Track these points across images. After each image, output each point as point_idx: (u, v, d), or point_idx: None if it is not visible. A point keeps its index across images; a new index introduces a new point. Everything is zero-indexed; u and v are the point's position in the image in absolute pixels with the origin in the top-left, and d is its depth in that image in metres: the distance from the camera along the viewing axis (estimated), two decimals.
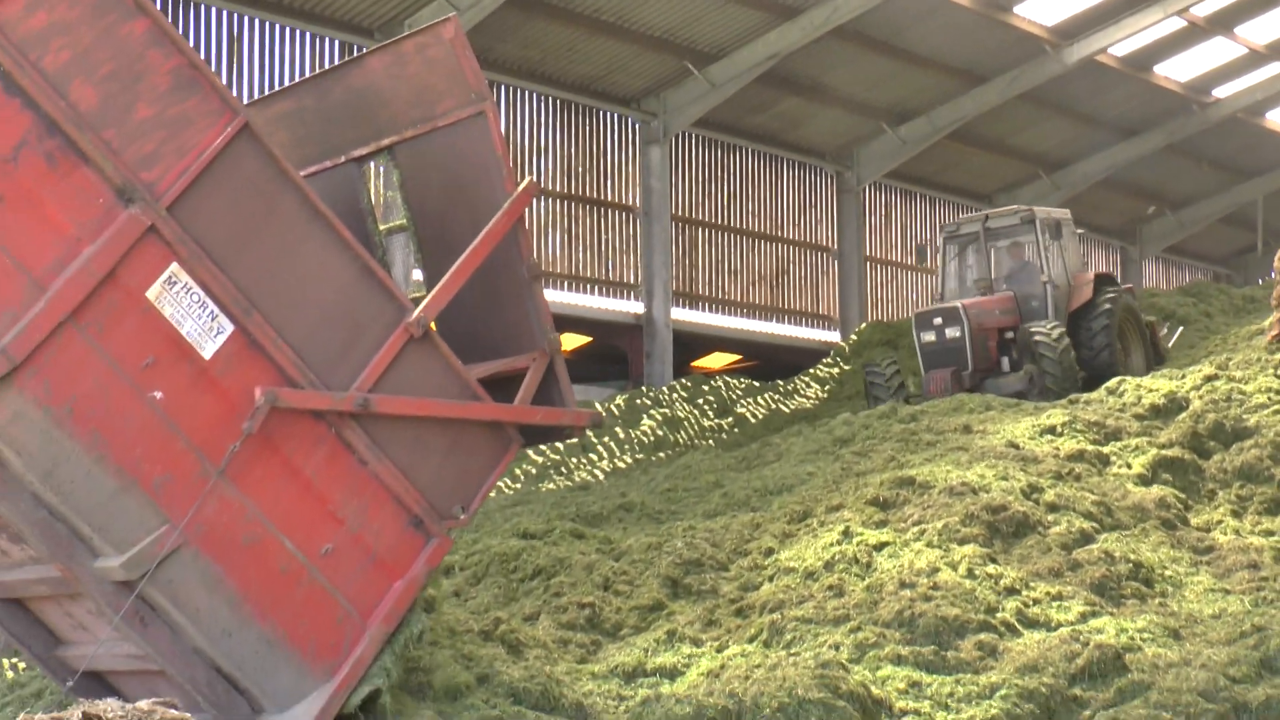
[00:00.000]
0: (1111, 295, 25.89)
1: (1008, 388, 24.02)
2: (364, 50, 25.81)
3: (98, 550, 9.13)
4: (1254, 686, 12.42)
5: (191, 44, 24.44)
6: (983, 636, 13.76)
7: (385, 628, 10.32)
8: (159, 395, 9.30)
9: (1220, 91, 37.73)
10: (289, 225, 9.91)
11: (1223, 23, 34.44)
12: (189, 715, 5.87)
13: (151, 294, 9.27)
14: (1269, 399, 20.57)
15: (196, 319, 9.43)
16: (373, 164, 12.99)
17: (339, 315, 10.09)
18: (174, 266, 9.35)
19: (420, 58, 11.58)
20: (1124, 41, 33.40)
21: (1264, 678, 12.60)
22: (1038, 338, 24.09)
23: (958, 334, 24.31)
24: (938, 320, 24.46)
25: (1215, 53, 35.94)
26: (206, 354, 9.43)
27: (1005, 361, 24.97)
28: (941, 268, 26.28)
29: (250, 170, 9.71)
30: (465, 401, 10.78)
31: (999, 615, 14.30)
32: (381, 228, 12.63)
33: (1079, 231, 27.54)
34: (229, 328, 9.51)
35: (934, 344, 24.50)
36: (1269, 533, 17.72)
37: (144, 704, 5.78)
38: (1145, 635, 13.97)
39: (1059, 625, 14.29)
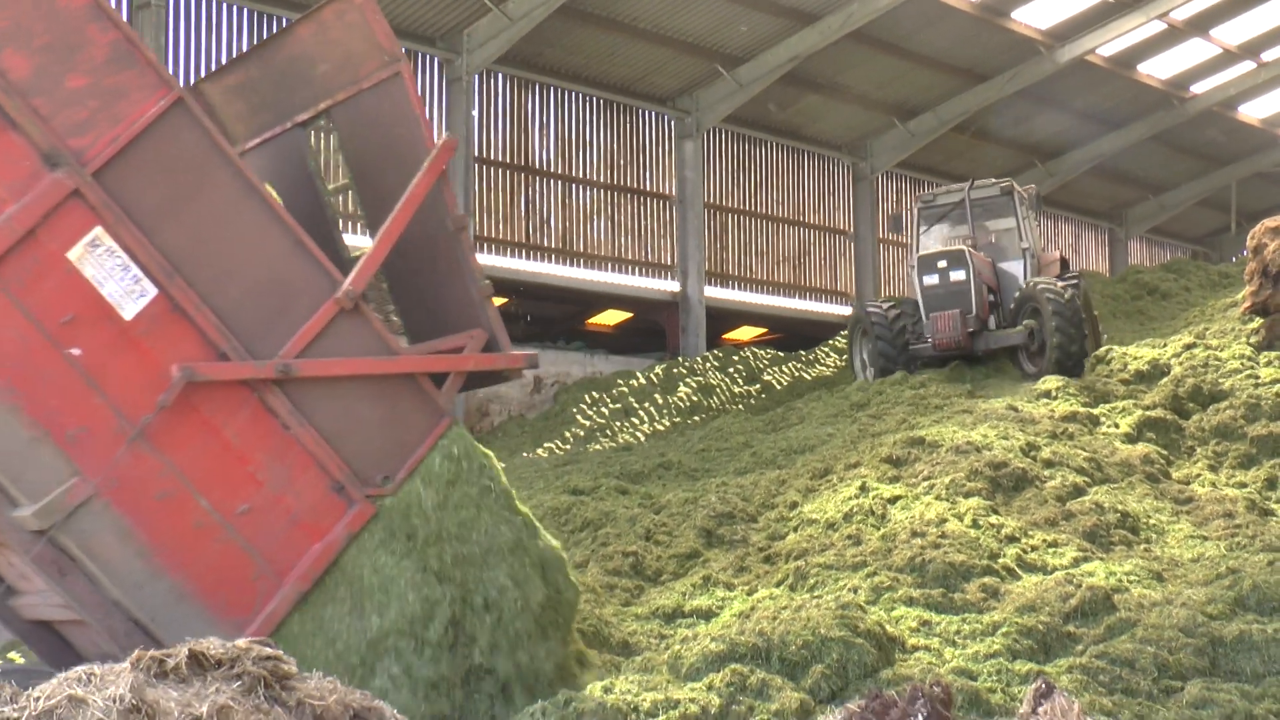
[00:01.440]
0: (1075, 275, 24.38)
1: (1005, 340, 22.38)
2: (429, 57, 25.90)
3: (14, 499, 8.81)
4: (1228, 623, 12.39)
5: None
6: (986, 580, 13.76)
7: (300, 587, 9.61)
8: (77, 352, 8.90)
9: (1197, 87, 37.49)
10: (221, 197, 9.50)
11: (1199, 25, 34.23)
12: (281, 652, 5.91)
13: (73, 255, 8.92)
14: (1242, 364, 20.51)
15: (118, 281, 9.06)
16: (316, 128, 12.35)
17: (269, 286, 9.64)
18: (97, 230, 9.00)
19: (340, 23, 11.05)
20: (1110, 43, 33.24)
21: (1237, 614, 12.56)
22: (1047, 294, 21.71)
23: (962, 276, 22.30)
24: (942, 263, 22.42)
25: (1193, 52, 35.72)
26: (128, 315, 9.04)
27: (991, 320, 23.03)
28: (915, 238, 24.31)
29: (183, 143, 9.36)
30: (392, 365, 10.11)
31: (1000, 561, 14.29)
32: (330, 188, 12.12)
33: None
34: (152, 291, 9.12)
35: (937, 287, 22.47)
36: (1242, 484, 17.67)
37: (242, 642, 5.82)
38: (1131, 578, 13.95)
39: (1054, 569, 14.28)
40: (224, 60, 24.02)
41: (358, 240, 24.45)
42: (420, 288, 11.41)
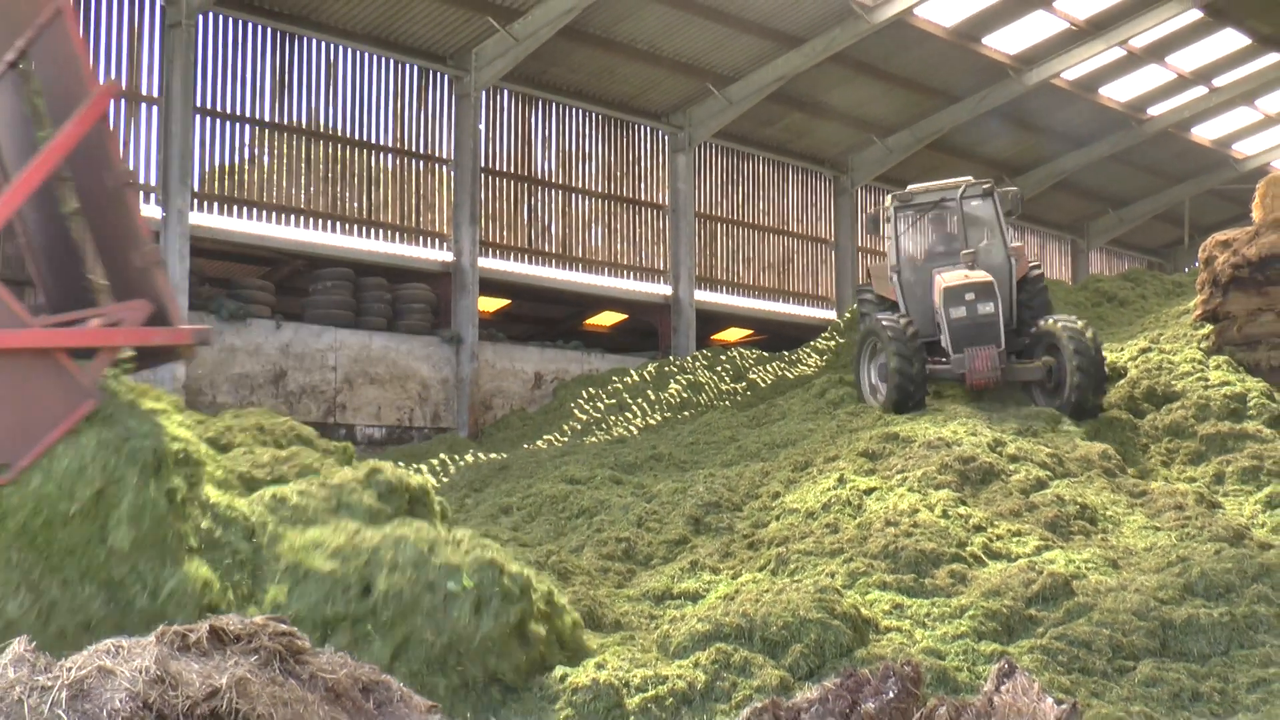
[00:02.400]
0: (1039, 270, 22.81)
1: (1024, 375, 20.06)
2: (440, 74, 25.92)
3: None
4: (1178, 607, 12.42)
5: (293, 72, 24.60)
6: (954, 566, 13.77)
7: None
8: None
9: (1154, 110, 37.50)
10: None
11: (1156, 53, 34.25)
12: (296, 630, 5.90)
13: None
14: (1193, 367, 20.56)
15: None
16: (20, 70, 10.42)
17: None
18: None
19: None
20: (1074, 67, 33.26)
21: (1186, 600, 12.60)
22: (1068, 332, 19.66)
23: (991, 309, 19.97)
24: (970, 295, 20.04)
25: (1150, 78, 35.74)
26: None
27: None
28: (894, 238, 21.77)
29: None
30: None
31: (968, 548, 14.31)
32: (40, 135, 10.04)
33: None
34: None
35: (965, 319, 19.99)
36: (1191, 479, 17.74)
37: (259, 619, 5.81)
38: (1089, 565, 13.98)
39: (1018, 556, 14.30)
40: (250, 75, 24.01)
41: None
42: (104, 252, 9.76)
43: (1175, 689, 11.22)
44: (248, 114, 24.03)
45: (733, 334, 33.82)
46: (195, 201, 22.82)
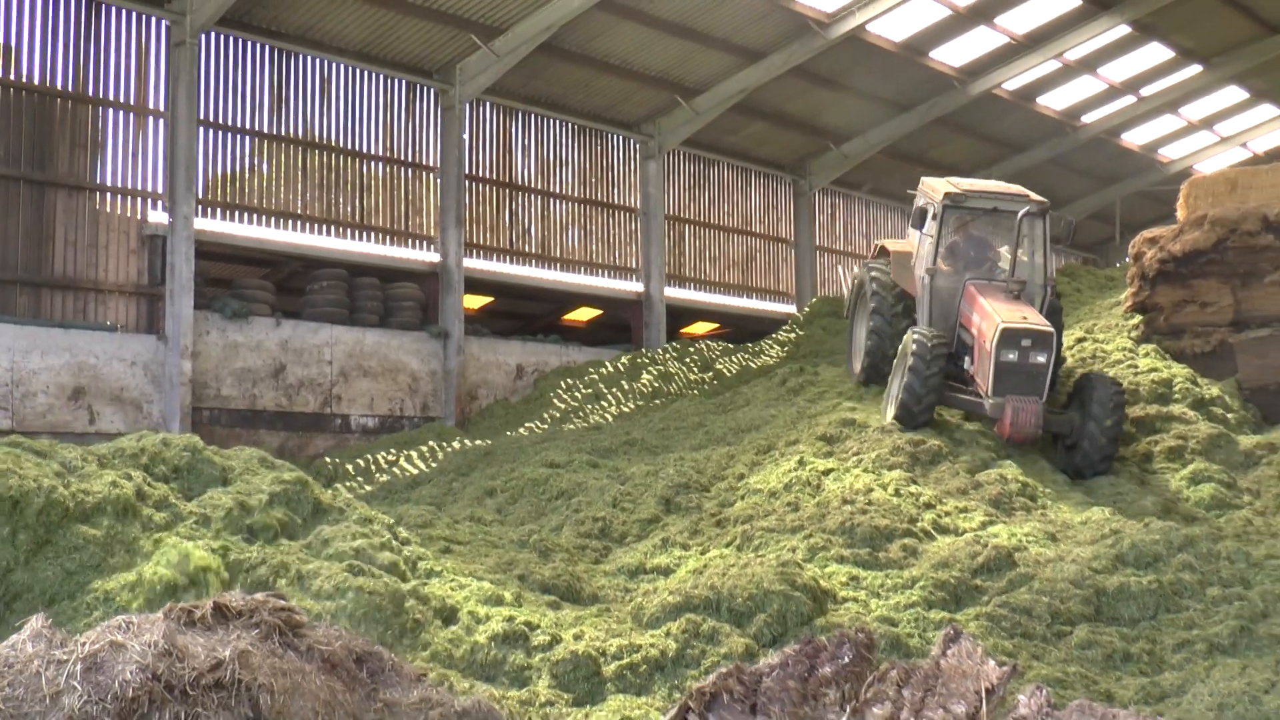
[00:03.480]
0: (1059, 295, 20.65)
1: (1055, 426, 17.81)
2: (426, 88, 25.84)
3: None
4: (1111, 575, 12.50)
5: (290, 87, 24.50)
6: (906, 541, 13.83)
7: None
8: None
9: (1088, 117, 37.63)
10: None
11: (1089, 65, 34.37)
12: (295, 606, 5.88)
13: None
14: (1124, 355, 20.65)
15: None
16: None
17: None
18: None
19: None
20: (1014, 78, 33.35)
21: (1118, 569, 12.68)
22: (1112, 389, 17.76)
23: (1043, 360, 17.37)
24: (1026, 341, 17.28)
25: (1084, 88, 35.85)
26: None
27: None
28: (936, 236, 18.73)
29: None
30: None
31: (919, 524, 14.37)
32: None
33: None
34: None
35: (1014, 364, 17.29)
36: (1123, 458, 17.81)
37: (260, 595, 5.79)
38: (1030, 538, 14.05)
39: (965, 531, 14.37)
40: (250, 90, 23.91)
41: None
42: None
43: (1108, 651, 11.29)
44: (248, 126, 23.91)
45: (700, 328, 33.82)
46: (200, 208, 22.71)
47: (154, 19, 22.35)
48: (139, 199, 22.11)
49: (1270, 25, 34.39)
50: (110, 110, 21.90)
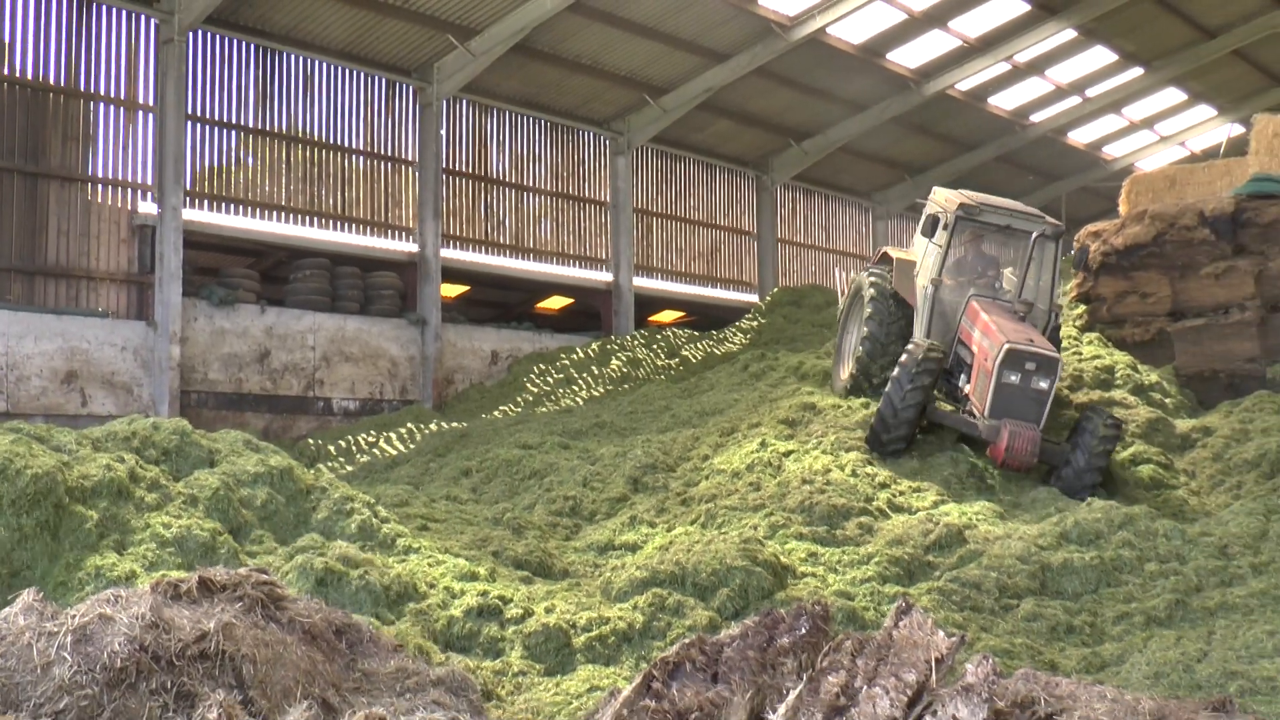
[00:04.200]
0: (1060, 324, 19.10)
1: (1050, 456, 16.32)
2: (405, 86, 25.76)
3: None
4: (1055, 552, 12.56)
5: (272, 85, 24.35)
6: (862, 519, 13.87)
7: None
8: None
9: (1036, 117, 37.74)
10: None
11: (1037, 67, 34.46)
12: (277, 580, 5.86)
13: None
14: (1069, 343, 20.75)
15: None
16: None
17: None
18: None
19: None
20: (966, 80, 33.41)
21: (1062, 546, 12.74)
22: (1108, 422, 16.22)
23: (1046, 386, 16.04)
24: (1030, 365, 15.91)
25: (1032, 89, 35.95)
26: None
27: None
28: (946, 247, 17.44)
29: None
30: None
31: (874, 503, 14.41)
32: None
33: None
34: None
35: (1016, 387, 15.95)
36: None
37: (243, 570, 5.77)
38: (979, 516, 14.11)
39: (918, 510, 14.41)
40: (236, 86, 23.76)
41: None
42: None
43: (1052, 623, 11.36)
44: (234, 121, 23.76)
45: (667, 316, 33.82)
46: (188, 199, 22.57)
47: (143, 17, 22.17)
48: (129, 190, 21.95)
49: (1207, 30, 34.58)
50: (101, 105, 21.73)
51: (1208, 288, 21.14)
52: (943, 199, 17.90)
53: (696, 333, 29.40)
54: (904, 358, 16.54)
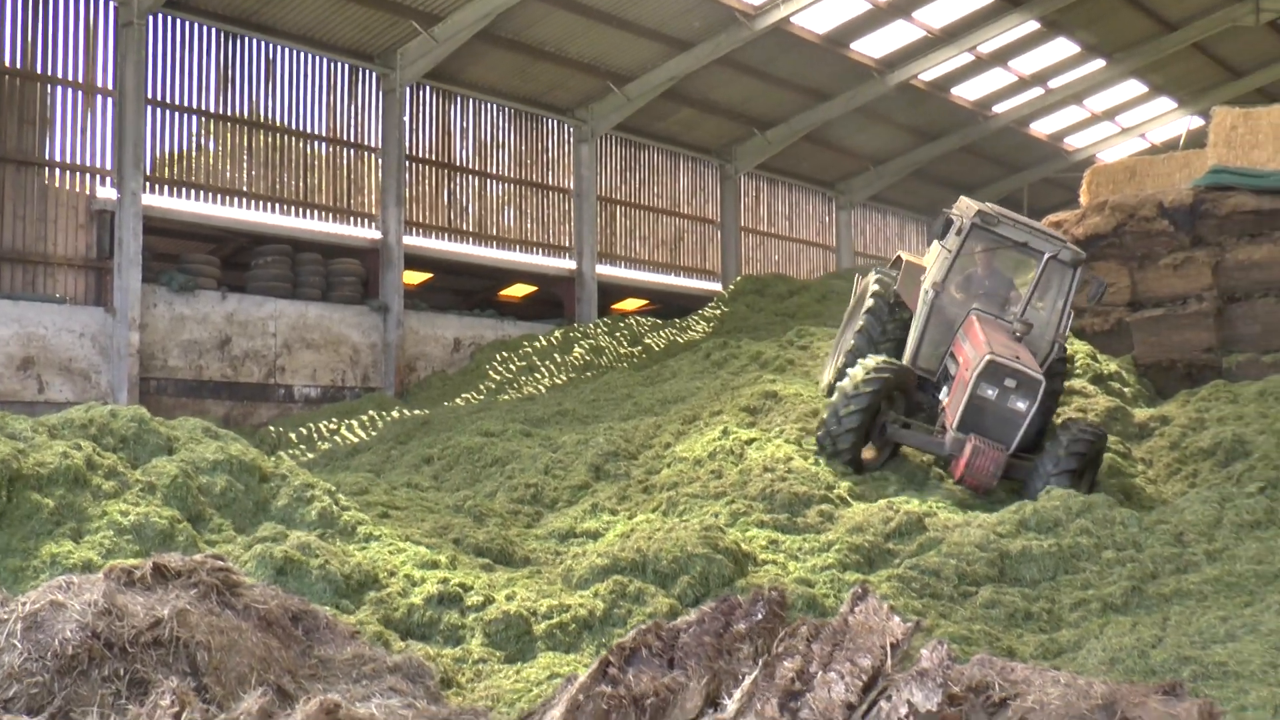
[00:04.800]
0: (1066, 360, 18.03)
1: (1015, 471, 15.42)
2: (368, 72, 25.62)
3: None
4: (1014, 539, 12.63)
5: (233, 69, 24.17)
6: (823, 507, 13.90)
7: None
8: None
9: (998, 108, 37.91)
10: None
11: (1000, 58, 34.61)
12: (232, 566, 5.82)
13: None
14: None
15: None
16: None
17: None
18: None
19: None
20: (930, 70, 33.52)
21: (1021, 533, 12.82)
22: (1086, 436, 15.36)
23: (1024, 407, 15.05)
24: (1010, 381, 14.98)
25: (995, 79, 36.11)
26: None
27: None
28: (955, 252, 16.29)
29: None
30: None
31: (835, 491, 14.45)
32: None
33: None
34: None
35: (989, 402, 15.03)
36: None
37: (198, 557, 5.72)
38: (939, 505, 14.17)
39: (878, 498, 14.46)
40: (196, 70, 23.56)
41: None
42: None
43: (1010, 610, 11.43)
44: (194, 105, 23.58)
45: (630, 304, 33.80)
46: (148, 185, 22.39)
47: (102, 0, 21.96)
48: (87, 175, 21.75)
49: (1168, 24, 34.83)
50: (59, 88, 21.51)
51: (1166, 278, 21.31)
52: (964, 205, 16.84)
53: (659, 321, 29.40)
54: (852, 370, 15.83)
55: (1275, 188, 20.64)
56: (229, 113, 24.10)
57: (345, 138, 25.99)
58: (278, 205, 24.76)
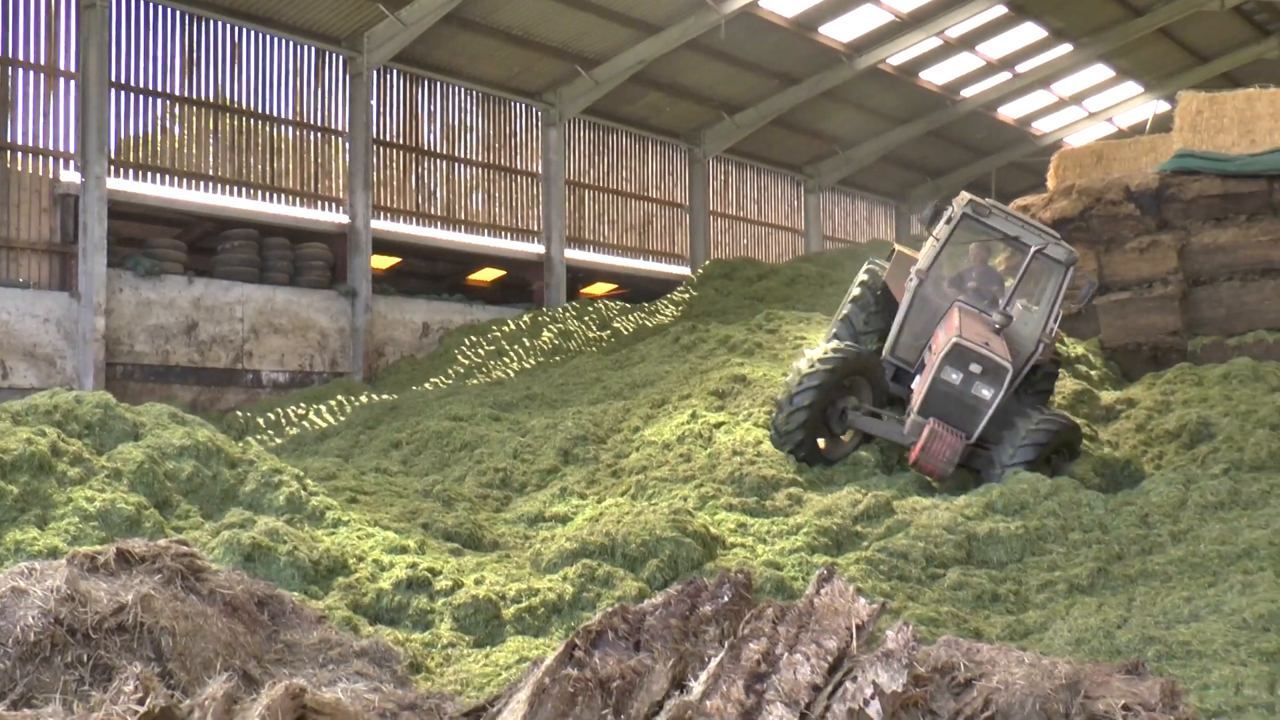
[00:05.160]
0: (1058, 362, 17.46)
1: (975, 460, 14.94)
2: (335, 55, 25.46)
3: None
4: (981, 522, 12.70)
5: (198, 52, 23.98)
6: (791, 490, 13.94)
7: None
8: None
9: (966, 92, 37.97)
10: None
11: (968, 42, 34.66)
12: (197, 551, 5.79)
13: None
14: None
15: None
16: None
17: None
18: None
19: None
20: (898, 54, 33.55)
21: (988, 516, 12.89)
22: (1048, 426, 14.82)
23: (989, 395, 14.52)
24: (976, 367, 14.47)
25: (963, 64, 36.18)
26: None
27: None
28: (944, 241, 15.71)
29: None
30: None
31: (804, 475, 14.48)
32: None
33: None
34: None
35: (953, 387, 14.54)
36: None
37: (163, 542, 5.69)
38: (907, 489, 14.23)
39: (847, 483, 14.50)
40: (161, 53, 23.37)
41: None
42: None
43: (978, 591, 11.49)
44: (159, 89, 23.40)
45: (599, 288, 33.76)
46: (112, 168, 22.21)
47: None
48: (51, 159, 21.56)
49: (1134, 8, 34.96)
50: (21, 70, 21.30)
51: (1132, 262, 21.42)
52: (962, 198, 16.08)
53: (628, 305, 29.38)
54: (814, 356, 15.32)
55: (1240, 172, 20.77)
56: (194, 96, 23.92)
57: (312, 121, 25.84)
58: (244, 189, 24.60)
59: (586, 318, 27.69)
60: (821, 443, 15.27)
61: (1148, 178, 21.65)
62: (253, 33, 24.80)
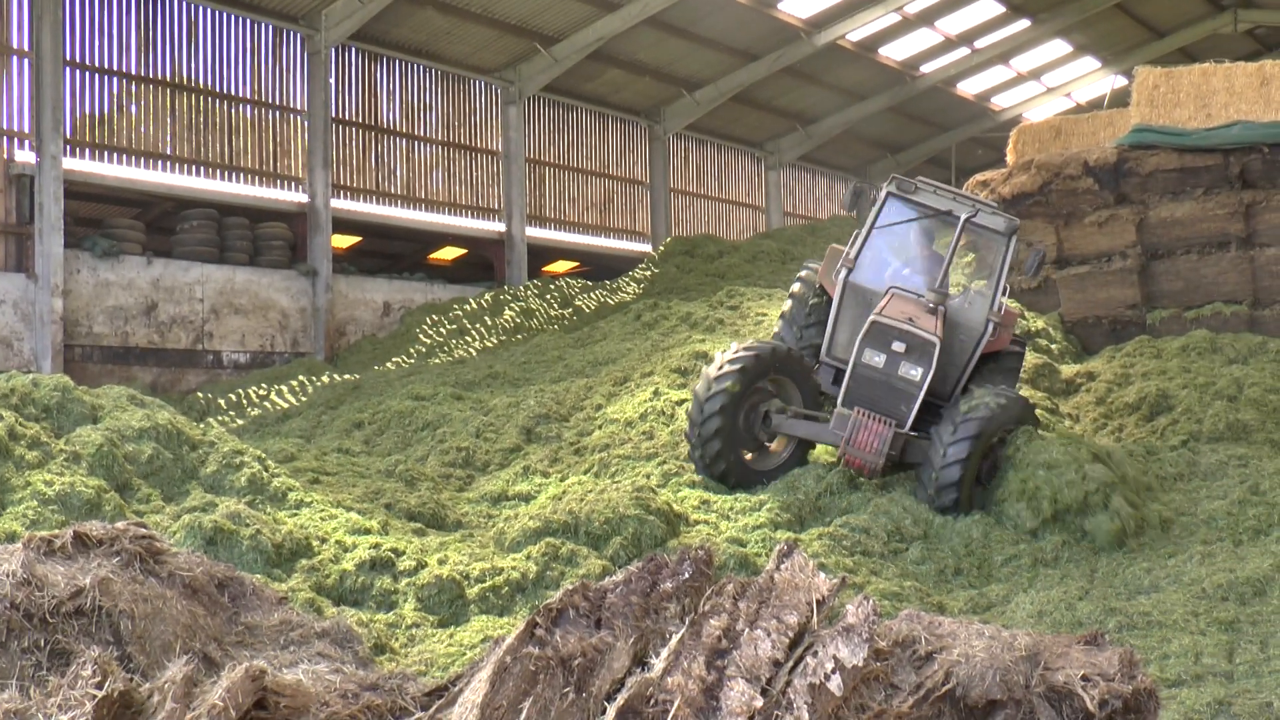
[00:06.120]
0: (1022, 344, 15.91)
1: (914, 455, 13.40)
2: (293, 33, 25.25)
3: None
4: None
5: (154, 30, 23.72)
6: None
7: None
8: None
9: (926, 68, 38.05)
10: None
11: (927, 18, 34.72)
12: (155, 533, 5.74)
13: None
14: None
15: None
16: None
17: None
18: None
19: None
20: (857, 30, 33.58)
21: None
22: (981, 408, 12.95)
23: (917, 375, 13.10)
24: (898, 345, 13.13)
25: (922, 39, 36.24)
26: None
27: None
28: (869, 227, 14.31)
29: None
30: None
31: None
32: None
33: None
34: None
35: (876, 371, 13.18)
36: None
37: (121, 524, 5.63)
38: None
39: (809, 459, 14.52)
40: (116, 31, 23.09)
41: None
42: None
43: (940, 566, 11.56)
44: (115, 67, 23.14)
45: (560, 266, 33.70)
46: (68, 148, 21.97)
47: None
48: (5, 138, 21.30)
49: None
50: None
51: (1091, 236, 21.53)
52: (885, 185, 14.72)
53: (590, 283, 29.34)
54: (727, 356, 13.76)
55: (1197, 146, 20.89)
56: (151, 75, 23.67)
57: (270, 100, 25.63)
58: (203, 169, 24.40)
59: (548, 296, 27.63)
60: (748, 455, 13.77)
61: (1106, 152, 21.74)
62: (210, 11, 24.57)
